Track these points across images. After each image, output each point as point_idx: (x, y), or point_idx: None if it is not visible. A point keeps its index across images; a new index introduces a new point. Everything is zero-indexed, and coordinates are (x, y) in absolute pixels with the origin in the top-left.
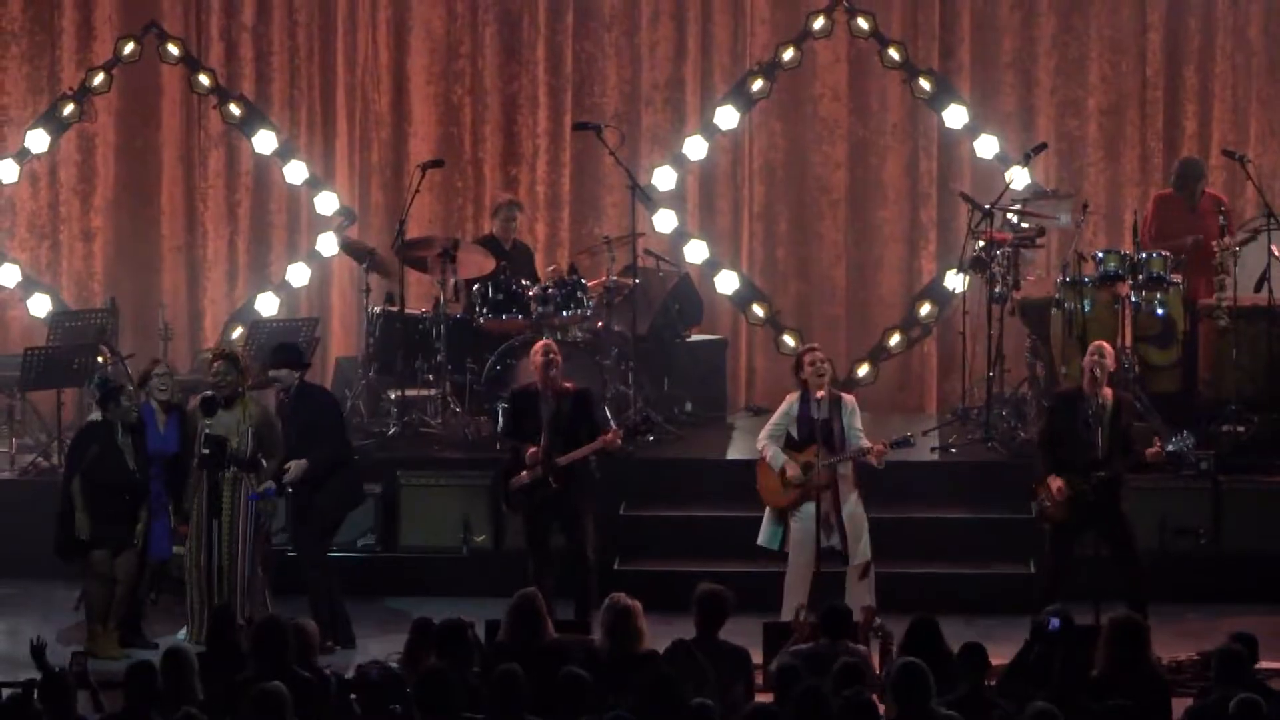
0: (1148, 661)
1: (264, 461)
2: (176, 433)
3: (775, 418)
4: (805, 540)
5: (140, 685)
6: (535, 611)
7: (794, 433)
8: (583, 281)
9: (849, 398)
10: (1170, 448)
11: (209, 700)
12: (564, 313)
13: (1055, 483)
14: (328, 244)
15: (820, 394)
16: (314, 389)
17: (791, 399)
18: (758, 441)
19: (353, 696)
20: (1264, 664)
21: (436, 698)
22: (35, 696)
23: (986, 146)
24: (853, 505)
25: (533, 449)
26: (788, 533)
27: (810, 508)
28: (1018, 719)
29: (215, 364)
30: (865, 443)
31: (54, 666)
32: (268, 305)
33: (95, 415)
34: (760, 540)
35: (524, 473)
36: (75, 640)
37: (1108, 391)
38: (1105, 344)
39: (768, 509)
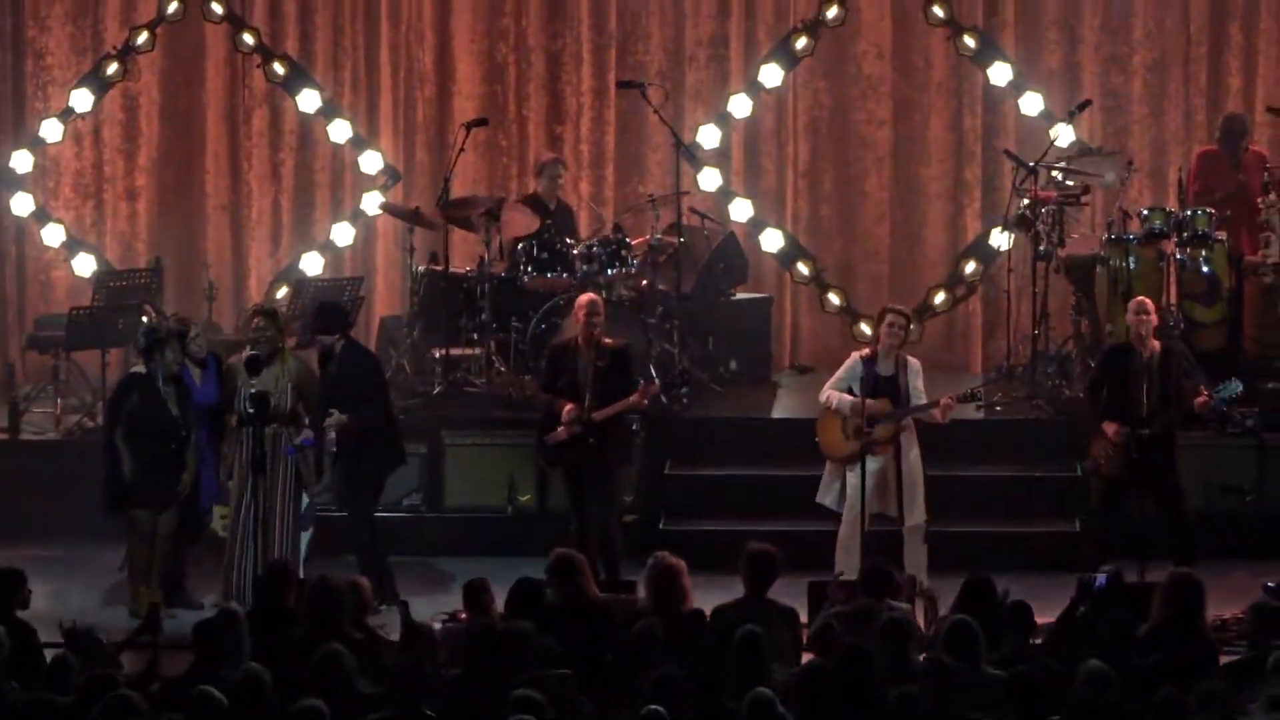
0: (1201, 620)
1: (304, 415)
2: (215, 384)
3: (839, 373)
4: (859, 496)
5: (209, 643)
6: (573, 570)
7: (856, 390)
8: (627, 240)
9: (914, 360)
10: (1220, 394)
11: (258, 659)
12: (608, 271)
13: (1111, 427)
14: (372, 203)
15: (869, 355)
16: (359, 350)
17: (856, 357)
18: (821, 394)
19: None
20: None
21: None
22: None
23: (1031, 104)
24: (912, 462)
25: (569, 405)
26: (845, 490)
27: (871, 463)
28: (1069, 677)
29: (255, 320)
30: (944, 399)
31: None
32: (312, 264)
33: (138, 367)
34: (819, 498)
35: (560, 429)
36: (118, 600)
37: (1155, 344)
38: (1146, 299)
39: (827, 466)
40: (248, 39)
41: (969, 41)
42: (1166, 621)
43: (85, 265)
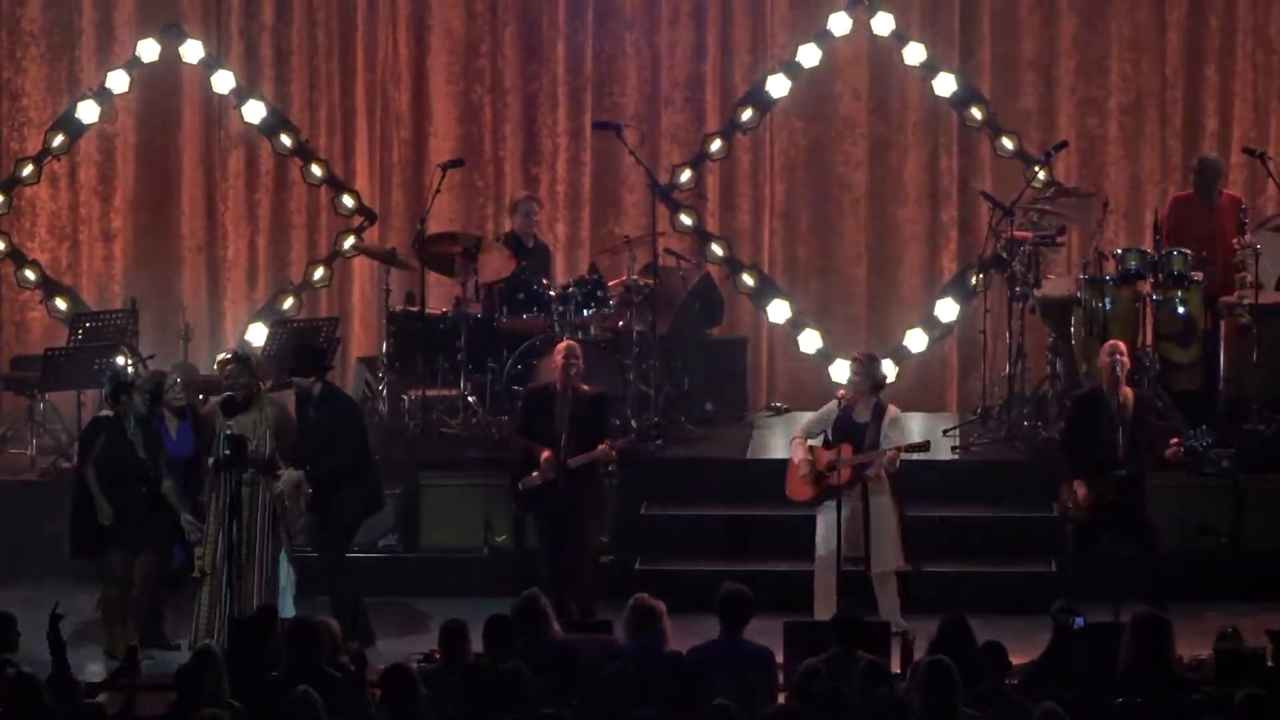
0: (1170, 659)
1: (281, 463)
2: (190, 435)
3: (815, 416)
4: (827, 538)
5: (191, 685)
6: (537, 613)
7: (829, 434)
8: (603, 281)
9: (893, 409)
10: (1188, 443)
11: (238, 699)
12: (584, 312)
13: (1080, 489)
14: (348, 244)
15: (851, 399)
16: (337, 394)
17: (832, 404)
18: (792, 435)
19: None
20: None
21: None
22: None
23: (1007, 145)
24: (880, 509)
25: (546, 452)
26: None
27: (835, 506)
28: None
29: (228, 366)
30: (889, 450)
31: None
32: (288, 305)
33: (105, 411)
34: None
35: (534, 474)
36: (92, 640)
37: (1127, 390)
38: (1119, 341)
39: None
40: (223, 81)
41: (945, 83)
42: (1136, 662)
43: (61, 307)
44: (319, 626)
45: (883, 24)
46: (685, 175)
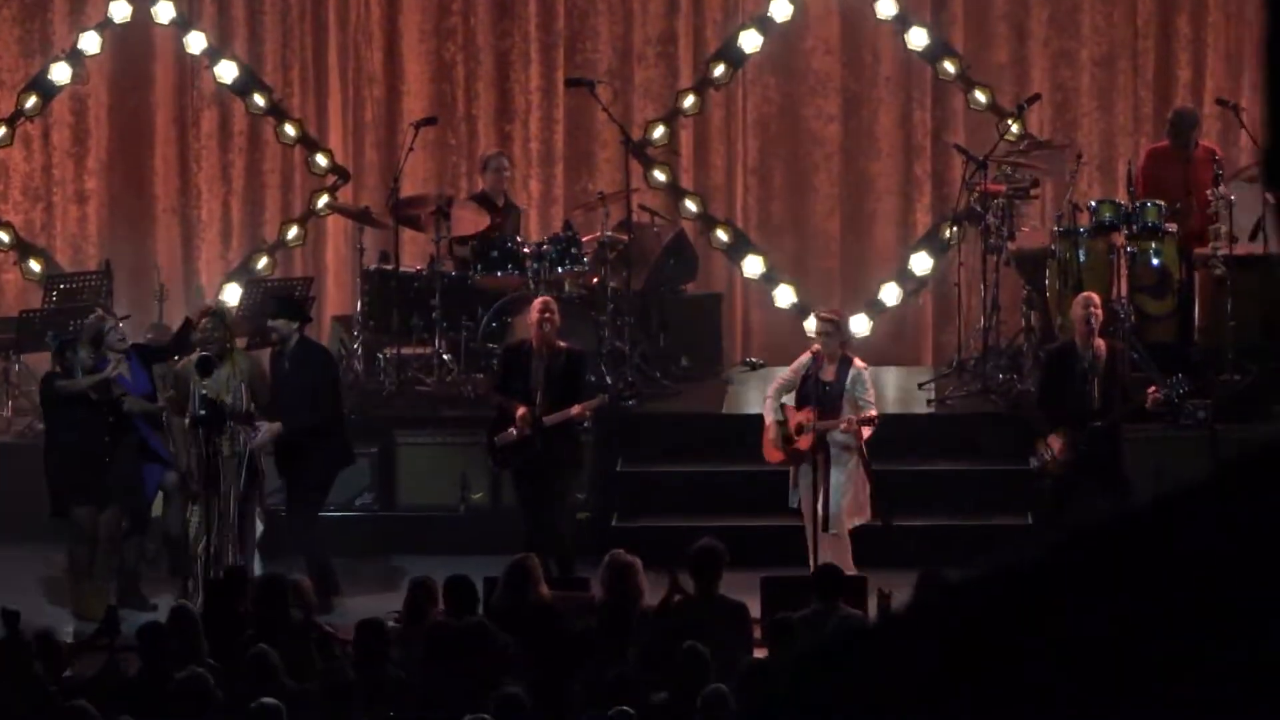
0: None
1: (256, 415)
2: (143, 371)
3: (785, 374)
4: (805, 500)
5: (153, 645)
6: (525, 573)
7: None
8: (577, 237)
9: (860, 364)
10: (1164, 393)
11: (215, 658)
12: (559, 269)
13: (1056, 443)
14: (321, 203)
15: (818, 353)
16: (314, 347)
17: (805, 357)
18: (765, 394)
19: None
20: None
21: (444, 650)
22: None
23: (980, 98)
24: (840, 474)
25: (521, 409)
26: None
27: (805, 471)
28: None
29: (202, 320)
30: (842, 420)
31: (20, 633)
32: (262, 265)
33: (54, 368)
34: (791, 502)
35: (510, 430)
36: (66, 601)
37: (1100, 342)
38: (1092, 294)
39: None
40: (196, 41)
41: (917, 36)
42: None
43: (35, 268)
44: (288, 583)
45: None
46: (658, 131)
